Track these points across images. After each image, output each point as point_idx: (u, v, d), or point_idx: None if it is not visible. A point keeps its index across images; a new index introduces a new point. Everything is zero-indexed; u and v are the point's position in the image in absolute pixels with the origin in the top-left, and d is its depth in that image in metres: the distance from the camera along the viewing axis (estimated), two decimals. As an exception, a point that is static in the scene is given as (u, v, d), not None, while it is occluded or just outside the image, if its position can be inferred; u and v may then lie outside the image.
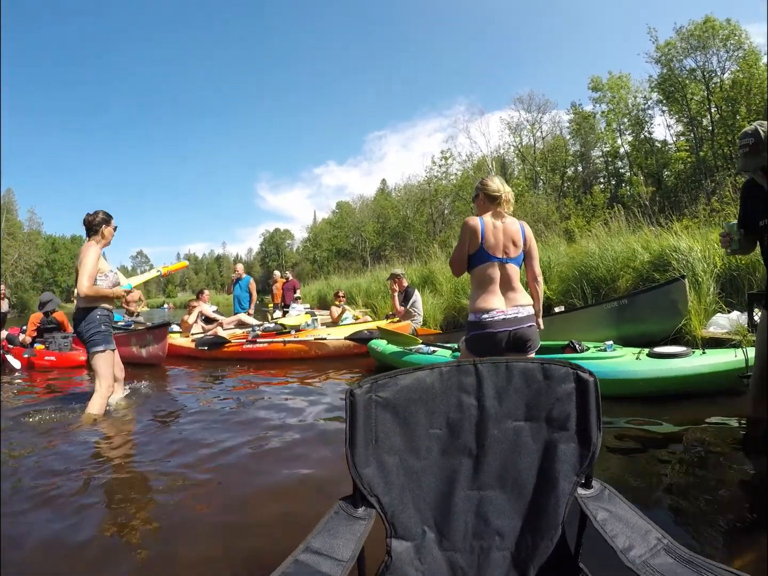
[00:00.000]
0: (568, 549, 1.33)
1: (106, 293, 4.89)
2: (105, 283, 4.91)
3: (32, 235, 59.47)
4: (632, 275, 7.46)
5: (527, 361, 1.39)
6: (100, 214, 5.00)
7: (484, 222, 3.20)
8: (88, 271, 4.70)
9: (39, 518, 2.66)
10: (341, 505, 1.30)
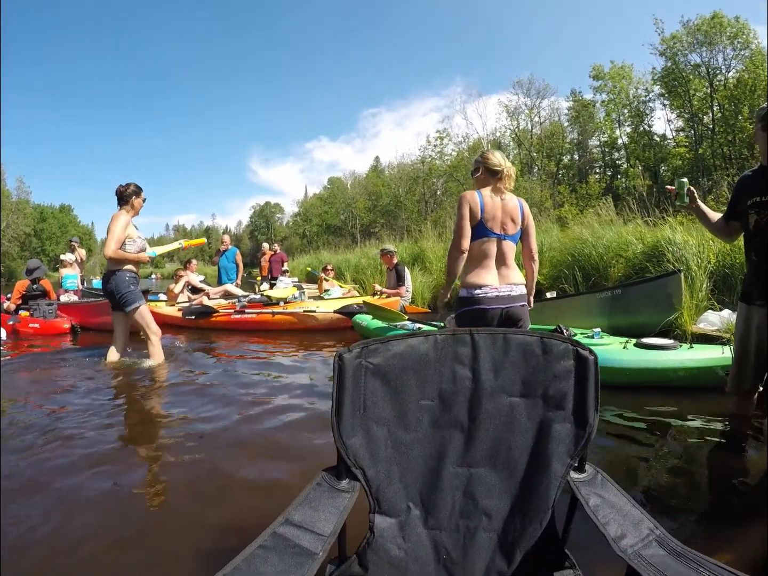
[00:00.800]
0: (556, 533, 1.29)
1: (130, 257, 5.28)
2: (133, 248, 5.32)
3: (20, 204, 58.78)
4: (624, 265, 7.44)
5: (526, 334, 1.33)
6: (131, 186, 5.40)
7: (483, 196, 3.11)
8: (116, 235, 5.12)
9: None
10: (324, 476, 1.25)
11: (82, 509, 2.37)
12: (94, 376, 5.01)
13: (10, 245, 54.59)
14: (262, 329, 7.99)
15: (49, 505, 2.39)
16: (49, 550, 2.01)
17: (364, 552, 1.26)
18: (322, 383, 4.68)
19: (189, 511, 2.35)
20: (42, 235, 74.28)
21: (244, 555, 0.98)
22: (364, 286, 12.82)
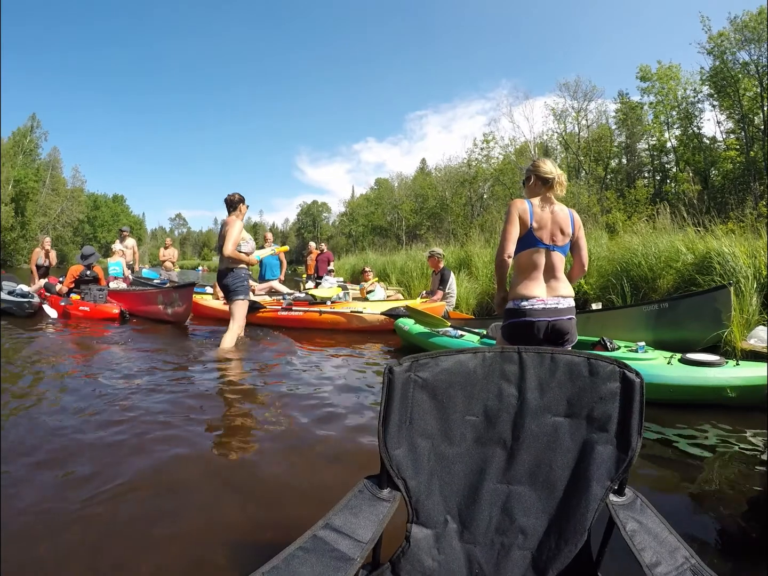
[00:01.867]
0: (590, 556, 1.28)
1: (242, 258, 6.12)
2: (246, 248, 6.18)
3: (75, 191, 60.86)
4: (674, 276, 7.23)
5: (574, 354, 1.32)
6: (237, 196, 6.28)
7: (533, 205, 3.06)
8: (233, 237, 5.96)
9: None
10: (366, 483, 1.27)
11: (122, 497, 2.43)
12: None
13: (64, 230, 56.47)
14: (307, 327, 8.01)
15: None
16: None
17: (398, 560, 1.27)
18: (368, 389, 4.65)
19: (227, 507, 2.38)
20: (95, 223, 76.44)
21: (284, 555, 1.00)
22: (409, 290, 12.79)
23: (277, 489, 2.58)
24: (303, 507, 2.33)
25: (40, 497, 2.38)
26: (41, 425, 3.33)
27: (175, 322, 8.32)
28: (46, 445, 3.01)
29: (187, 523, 2.20)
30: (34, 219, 50.98)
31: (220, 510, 2.34)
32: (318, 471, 2.82)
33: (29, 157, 53.66)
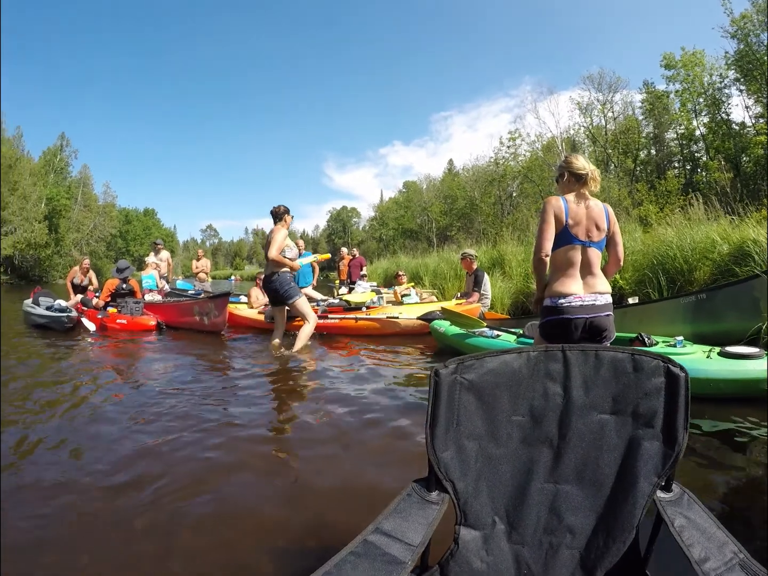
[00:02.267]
0: (638, 553, 1.27)
1: (286, 262, 6.63)
2: (290, 254, 6.75)
3: (107, 207, 62.24)
4: (710, 267, 7.11)
5: (617, 350, 1.31)
6: (282, 207, 6.95)
7: (568, 202, 3.05)
8: (278, 243, 6.55)
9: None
10: (414, 487, 1.28)
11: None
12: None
13: (97, 245, 57.73)
14: (343, 333, 8.02)
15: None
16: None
17: (446, 563, 1.27)
18: (407, 392, 4.65)
19: (272, 510, 2.41)
20: (127, 237, 78.07)
21: (335, 561, 1.01)
22: (443, 292, 12.74)
23: (322, 494, 2.60)
24: (349, 512, 2.34)
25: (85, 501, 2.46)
26: (93, 432, 3.44)
27: (212, 331, 8.45)
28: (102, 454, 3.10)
29: (231, 529, 2.22)
30: (68, 235, 52.14)
31: (266, 515, 2.36)
32: (363, 475, 2.83)
33: (60, 175, 55.05)
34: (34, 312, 9.33)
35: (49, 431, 3.49)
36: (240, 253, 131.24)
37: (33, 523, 2.26)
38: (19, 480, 2.71)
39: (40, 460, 3.01)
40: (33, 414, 3.90)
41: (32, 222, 43.31)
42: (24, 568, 1.94)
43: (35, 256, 44.38)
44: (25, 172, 44.58)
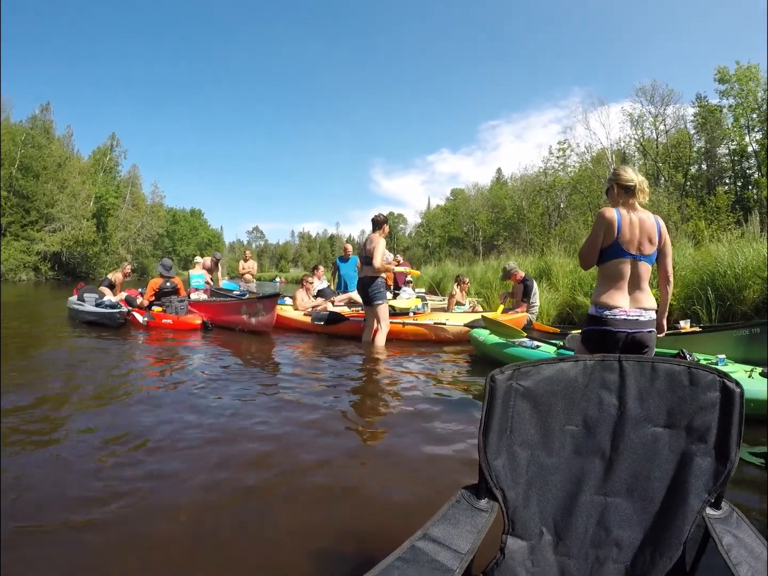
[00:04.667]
0: (684, 569, 1.26)
1: (388, 269, 7.48)
2: (385, 260, 7.52)
3: (155, 207, 63.76)
4: (761, 286, 6.93)
5: (674, 362, 1.30)
6: (381, 217, 7.45)
7: (621, 215, 3.05)
8: (380, 253, 7.11)
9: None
10: (463, 494, 1.27)
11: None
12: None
13: (144, 244, 59.06)
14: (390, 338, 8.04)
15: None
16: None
17: (491, 572, 1.27)
18: (450, 398, 4.63)
19: (308, 513, 2.41)
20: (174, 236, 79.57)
21: (383, 566, 1.02)
22: (488, 301, 12.67)
23: (364, 499, 2.60)
24: (390, 519, 2.33)
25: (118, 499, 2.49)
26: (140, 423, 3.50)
27: (260, 331, 8.54)
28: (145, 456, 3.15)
29: (275, 532, 2.23)
30: (115, 233, 53.43)
31: (307, 518, 2.37)
32: (409, 480, 2.83)
33: (109, 174, 56.49)
34: (83, 309, 9.45)
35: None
36: (285, 255, 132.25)
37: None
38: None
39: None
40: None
41: (80, 219, 44.31)
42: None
43: (82, 253, 45.38)
44: (74, 170, 45.70)
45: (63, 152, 46.05)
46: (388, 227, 7.55)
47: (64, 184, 43.91)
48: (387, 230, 7.45)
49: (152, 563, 1.98)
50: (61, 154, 44.97)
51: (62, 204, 42.62)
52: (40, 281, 38.22)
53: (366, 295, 7.34)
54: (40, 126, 44.94)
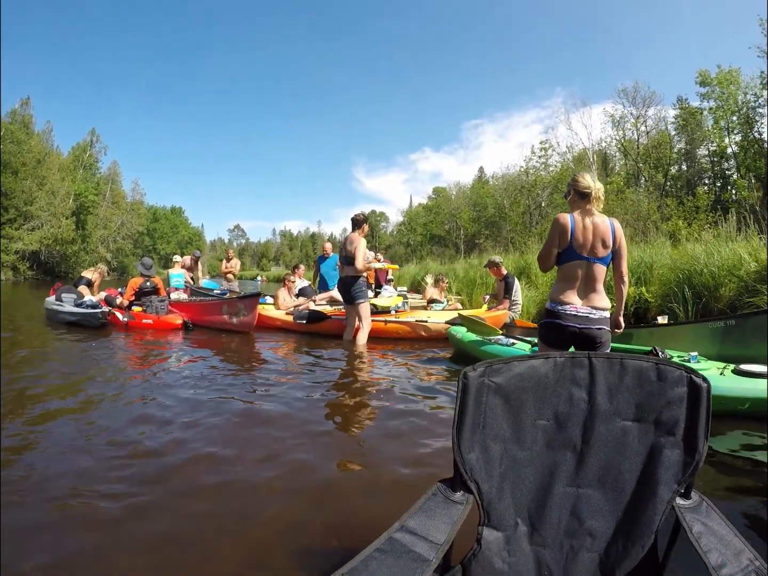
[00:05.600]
0: (657, 558, 1.30)
1: (369, 268, 7.59)
2: (366, 259, 7.48)
3: (135, 204, 62.64)
4: (736, 284, 7.04)
5: (642, 359, 1.35)
6: (362, 216, 7.50)
7: (575, 220, 3.27)
8: (362, 253, 7.16)
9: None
10: (439, 487, 1.31)
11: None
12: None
13: (124, 242, 58.21)
14: (372, 336, 8.04)
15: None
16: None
17: (469, 563, 1.30)
18: (427, 394, 4.69)
19: (290, 510, 2.43)
20: (154, 235, 78.52)
21: (361, 557, 1.05)
22: (470, 299, 12.72)
23: (348, 494, 2.64)
24: (374, 513, 2.36)
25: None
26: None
27: (241, 331, 8.50)
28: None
29: (257, 528, 2.26)
30: (95, 232, 52.56)
31: (291, 514, 2.39)
32: (388, 475, 2.87)
33: (89, 171, 55.40)
34: (62, 309, 9.27)
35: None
36: (267, 254, 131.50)
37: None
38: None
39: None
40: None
41: (60, 217, 43.52)
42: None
43: (62, 252, 44.59)
44: (53, 167, 44.78)
45: (42, 148, 44.95)
46: (368, 226, 7.59)
47: (44, 180, 42.94)
48: (366, 230, 7.51)
49: (136, 564, 1.99)
50: (40, 150, 43.88)
51: (41, 201, 41.70)
52: (19, 281, 37.54)
53: (348, 295, 7.39)
54: (19, 121, 43.84)
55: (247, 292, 9.67)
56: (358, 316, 7.50)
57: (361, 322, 7.47)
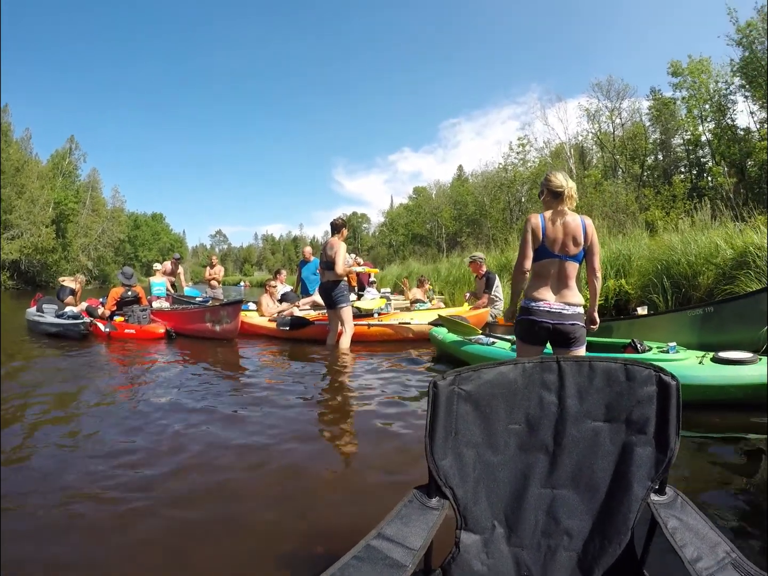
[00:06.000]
0: (635, 555, 1.32)
1: (350, 272, 7.15)
2: (347, 263, 7.50)
3: (115, 211, 62.04)
4: (714, 272, 7.12)
5: (611, 360, 1.37)
6: (340, 220, 7.64)
7: (545, 219, 3.34)
8: (342, 258, 7.21)
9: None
10: (415, 493, 1.32)
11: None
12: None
13: (105, 250, 57.57)
14: (355, 340, 8.03)
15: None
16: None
17: (449, 566, 1.31)
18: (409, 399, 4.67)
19: (275, 517, 2.45)
20: (135, 242, 77.64)
21: (339, 565, 1.05)
22: (453, 298, 12.74)
23: (328, 501, 2.65)
24: (354, 519, 2.36)
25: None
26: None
27: (224, 338, 8.43)
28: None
29: (237, 536, 2.26)
30: (75, 240, 52.06)
31: (277, 522, 2.40)
32: (368, 482, 2.89)
33: (68, 179, 54.89)
34: (44, 321, 9.19)
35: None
36: (249, 258, 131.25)
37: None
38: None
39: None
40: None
41: (39, 226, 43.12)
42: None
43: (42, 261, 44.16)
44: (32, 175, 44.34)
45: (21, 156, 44.44)
46: (347, 230, 7.67)
47: (23, 189, 42.54)
48: (346, 233, 7.58)
49: (123, 571, 1.99)
50: (19, 158, 43.35)
51: (20, 210, 41.35)
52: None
53: (329, 299, 7.40)
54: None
55: (229, 300, 9.63)
56: (340, 321, 7.48)
57: (344, 327, 7.45)
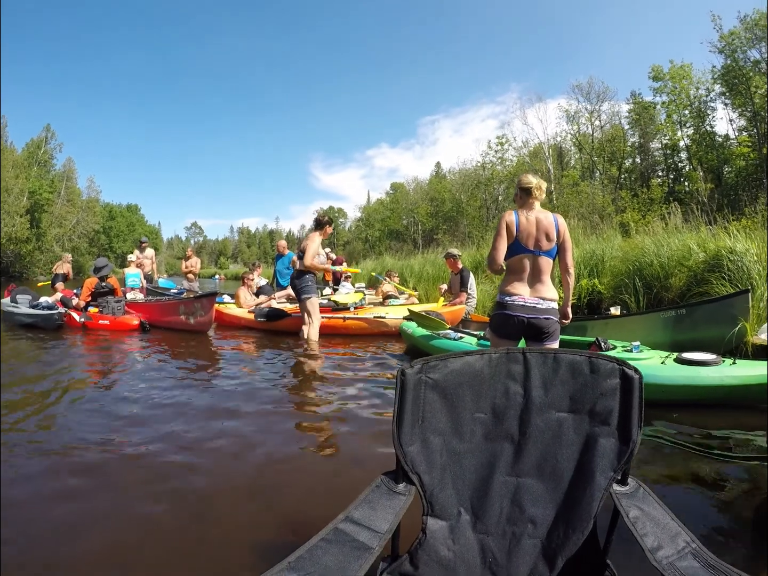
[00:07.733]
0: (598, 543, 1.35)
1: (318, 267, 7.51)
2: (319, 259, 7.42)
3: (90, 202, 61.00)
4: (686, 274, 7.25)
5: (575, 353, 1.40)
6: (326, 218, 7.67)
7: (519, 216, 3.44)
8: (312, 251, 7.27)
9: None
10: (383, 479, 1.35)
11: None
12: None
13: (80, 241, 56.67)
14: (331, 333, 8.09)
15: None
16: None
17: (415, 552, 1.34)
18: (379, 390, 4.75)
19: (248, 505, 2.48)
20: (110, 233, 76.62)
21: (308, 546, 1.09)
22: (427, 294, 12.79)
23: (300, 489, 2.68)
24: (326, 506, 2.39)
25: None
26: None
27: (198, 331, 8.46)
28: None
29: (209, 526, 2.29)
30: (50, 230, 51.17)
31: (250, 512, 2.43)
32: (339, 470, 2.94)
33: (44, 168, 53.90)
34: (18, 311, 9.15)
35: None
36: (225, 251, 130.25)
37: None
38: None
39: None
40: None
41: (14, 216, 42.38)
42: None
43: (16, 252, 43.48)
44: (7, 164, 43.43)
45: (-5, 145, 43.56)
46: (331, 229, 7.71)
47: (-4, 178, 41.78)
48: (329, 232, 7.62)
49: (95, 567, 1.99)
50: (-7, 147, 42.46)
51: (-6, 199, 40.52)
52: (-29, 282, 36.59)
53: (294, 290, 7.53)
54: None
55: (204, 292, 9.62)
56: (306, 312, 7.49)
57: (309, 318, 7.47)
